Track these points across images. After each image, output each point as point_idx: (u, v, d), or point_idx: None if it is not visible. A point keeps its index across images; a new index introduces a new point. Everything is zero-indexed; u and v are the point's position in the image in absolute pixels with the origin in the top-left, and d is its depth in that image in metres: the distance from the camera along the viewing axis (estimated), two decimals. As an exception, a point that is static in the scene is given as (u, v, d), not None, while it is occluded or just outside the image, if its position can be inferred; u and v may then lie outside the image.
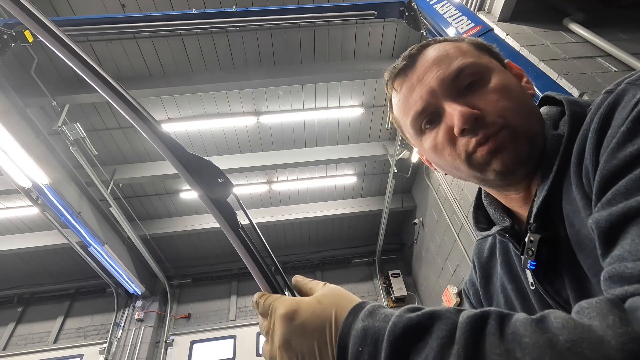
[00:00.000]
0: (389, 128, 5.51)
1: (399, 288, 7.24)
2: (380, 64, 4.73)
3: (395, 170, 5.85)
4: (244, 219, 0.59)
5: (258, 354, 6.53)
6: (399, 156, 5.80)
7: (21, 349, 6.54)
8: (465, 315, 0.36)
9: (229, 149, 5.74)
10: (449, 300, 5.38)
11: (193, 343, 6.74)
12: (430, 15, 2.91)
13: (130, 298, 7.00)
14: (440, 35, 2.75)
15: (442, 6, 2.81)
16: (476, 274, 0.83)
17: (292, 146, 5.88)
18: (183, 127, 5.24)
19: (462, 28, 2.57)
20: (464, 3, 2.86)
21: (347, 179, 6.68)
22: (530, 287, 0.63)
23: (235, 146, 5.73)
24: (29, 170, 4.02)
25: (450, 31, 2.63)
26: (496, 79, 0.59)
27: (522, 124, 0.56)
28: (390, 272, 7.54)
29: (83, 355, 6.47)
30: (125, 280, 6.28)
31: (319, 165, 6.07)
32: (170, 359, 6.54)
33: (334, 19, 3.47)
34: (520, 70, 0.67)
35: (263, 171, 6.05)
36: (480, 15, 2.80)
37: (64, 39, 0.58)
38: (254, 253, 0.55)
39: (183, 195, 6.36)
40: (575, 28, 2.52)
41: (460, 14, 2.67)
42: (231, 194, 0.57)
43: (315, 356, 0.43)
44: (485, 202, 0.72)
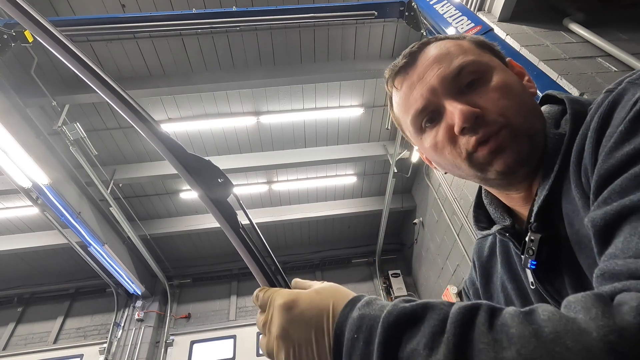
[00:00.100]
0: (389, 128, 5.50)
1: (399, 288, 7.24)
2: (380, 64, 4.72)
3: (395, 170, 5.85)
4: (244, 219, 0.59)
5: (258, 354, 6.52)
6: (399, 156, 5.80)
7: (21, 349, 6.54)
8: (457, 306, 0.37)
9: (229, 149, 5.74)
10: (449, 300, 5.38)
11: (193, 343, 6.73)
12: (430, 15, 2.91)
13: (130, 298, 6.99)
14: (440, 35, 2.75)
15: (442, 6, 2.81)
16: (476, 273, 0.82)
17: (292, 146, 5.88)
18: (183, 127, 5.24)
19: (462, 28, 2.57)
20: (464, 3, 2.86)
21: (347, 179, 6.68)
22: (531, 287, 0.63)
23: (235, 146, 5.72)
24: (29, 170, 4.01)
25: (450, 31, 2.63)
26: (497, 78, 0.58)
27: (524, 123, 0.56)
28: (390, 272, 7.55)
29: (83, 355, 6.46)
30: (125, 280, 6.28)
31: (319, 165, 6.07)
32: (170, 359, 6.54)
33: (334, 19, 3.47)
34: (522, 68, 0.66)
35: (263, 171, 6.05)
36: (480, 15, 2.80)
37: (62, 39, 0.57)
38: (254, 252, 0.56)
39: (183, 195, 6.36)
40: (575, 28, 2.52)
41: (460, 14, 2.67)
42: (231, 194, 0.58)
43: (312, 345, 0.44)
44: (485, 201, 0.72)
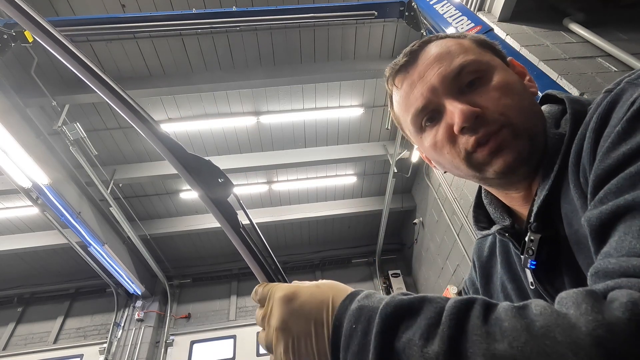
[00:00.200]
0: (389, 128, 5.50)
1: (399, 288, 7.24)
2: (380, 64, 4.72)
3: (395, 170, 5.85)
4: (244, 218, 0.59)
5: (258, 354, 6.52)
6: (399, 156, 5.80)
7: (21, 349, 6.54)
8: (453, 300, 0.38)
9: (229, 149, 5.74)
10: (449, 300, 5.38)
11: (193, 343, 6.73)
12: (430, 15, 2.91)
13: (130, 298, 6.99)
14: (440, 35, 2.75)
15: (442, 6, 2.81)
16: (476, 273, 0.82)
17: (292, 146, 5.87)
18: (183, 127, 5.24)
19: (462, 28, 2.57)
20: (464, 3, 2.86)
21: (347, 179, 6.68)
22: (530, 287, 0.62)
23: (235, 146, 5.72)
24: (29, 170, 4.01)
25: (450, 31, 2.62)
26: (498, 77, 0.58)
27: (524, 122, 0.56)
28: (390, 272, 7.55)
29: (83, 355, 6.46)
30: (125, 280, 6.28)
31: (319, 165, 6.07)
32: (170, 359, 6.54)
33: (334, 19, 3.47)
34: (523, 68, 0.66)
35: (263, 171, 6.05)
36: (480, 15, 2.80)
37: (61, 39, 0.57)
38: (254, 251, 0.56)
39: (183, 195, 6.36)
40: (575, 28, 2.52)
41: (460, 14, 2.67)
42: (231, 194, 0.58)
43: (312, 338, 0.44)
44: (485, 201, 0.72)
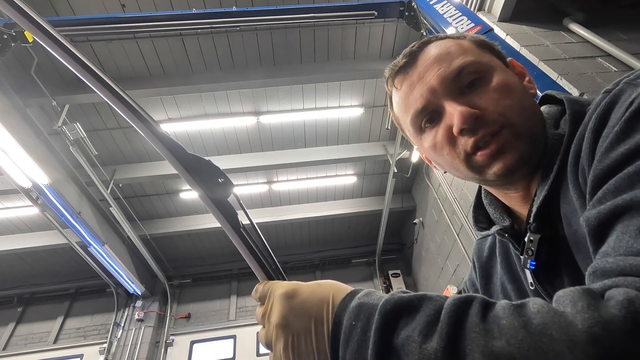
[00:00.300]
0: (389, 128, 5.50)
1: (399, 288, 7.24)
2: (380, 64, 4.72)
3: (395, 170, 5.85)
4: (244, 218, 0.59)
5: (258, 354, 6.52)
6: (399, 156, 5.80)
7: (21, 349, 6.54)
8: (452, 298, 0.38)
9: (229, 149, 5.74)
10: (449, 300, 5.38)
11: (193, 343, 6.73)
12: (430, 15, 2.91)
13: (130, 298, 6.99)
14: (440, 35, 2.75)
15: (442, 6, 2.81)
16: (476, 274, 0.82)
17: (292, 146, 5.87)
18: (183, 127, 5.24)
19: (462, 28, 2.57)
20: (464, 3, 2.86)
21: (347, 179, 6.68)
22: (530, 287, 0.62)
23: (235, 146, 5.72)
24: (29, 170, 4.01)
25: (450, 31, 2.62)
26: (498, 78, 0.58)
27: (524, 123, 0.56)
28: (390, 272, 7.55)
29: (83, 355, 6.46)
30: (125, 280, 6.27)
31: (319, 165, 6.07)
32: (170, 359, 6.54)
33: (334, 19, 3.47)
34: (523, 69, 0.66)
35: (263, 171, 6.05)
36: (480, 15, 2.79)
37: (60, 39, 0.57)
38: (254, 251, 0.56)
39: (183, 195, 6.36)
40: (575, 28, 2.51)
41: (460, 14, 2.67)
42: (231, 194, 0.58)
43: (311, 335, 0.44)
44: (485, 202, 0.72)
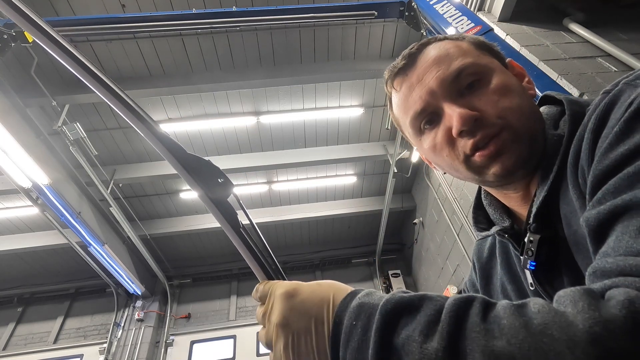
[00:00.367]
0: (389, 128, 5.50)
1: (399, 288, 7.24)
2: (380, 64, 4.72)
3: (395, 170, 5.85)
4: (244, 218, 0.59)
5: (258, 354, 6.52)
6: (399, 156, 5.80)
7: (21, 349, 6.54)
8: (452, 298, 0.38)
9: (229, 149, 5.74)
10: (449, 300, 5.38)
11: (193, 343, 6.73)
12: (430, 15, 2.91)
13: (130, 298, 6.99)
14: (440, 35, 2.75)
15: (442, 6, 2.81)
16: (476, 275, 0.82)
17: (292, 146, 5.87)
18: (183, 127, 5.24)
19: (462, 28, 2.57)
20: (464, 3, 2.85)
21: (347, 179, 6.68)
22: (530, 288, 0.62)
23: (235, 146, 5.72)
24: (29, 170, 4.01)
25: (450, 31, 2.62)
26: (496, 80, 0.58)
27: (524, 125, 0.56)
28: (390, 272, 7.55)
29: (83, 355, 6.46)
30: (125, 280, 6.27)
31: (319, 165, 6.06)
32: (170, 359, 6.54)
33: (334, 19, 3.47)
34: (522, 69, 0.66)
35: (263, 171, 6.05)
36: (480, 15, 2.79)
37: (60, 40, 0.57)
38: (254, 251, 0.56)
39: (183, 195, 6.36)
40: (575, 28, 2.51)
41: (460, 14, 2.67)
42: (231, 194, 0.58)
43: (312, 334, 0.44)
44: (485, 202, 0.72)
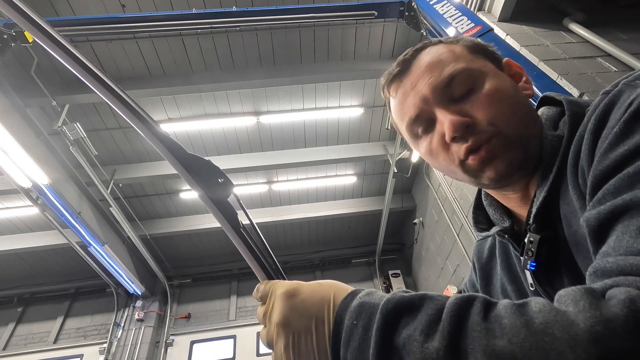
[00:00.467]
0: (389, 128, 5.51)
1: (399, 288, 7.22)
2: (380, 64, 4.72)
3: (395, 170, 5.85)
4: (244, 218, 0.59)
5: (258, 354, 6.52)
6: (399, 156, 5.80)
7: (21, 349, 6.54)
8: (453, 297, 0.38)
9: (229, 149, 5.74)
10: (449, 300, 5.39)
11: (193, 343, 6.73)
12: (430, 15, 2.91)
13: (130, 298, 6.99)
14: (440, 35, 2.75)
15: (442, 6, 2.81)
16: (476, 275, 0.82)
17: (292, 146, 5.87)
18: (183, 127, 5.24)
19: (462, 28, 2.57)
20: (464, 3, 2.85)
21: (347, 179, 6.68)
22: (530, 288, 0.63)
23: (235, 146, 5.72)
24: (29, 170, 4.01)
25: (450, 31, 2.62)
26: (489, 84, 0.58)
27: (516, 130, 0.56)
28: (390, 272, 7.55)
29: (83, 355, 6.46)
30: (125, 280, 6.27)
31: (319, 165, 6.07)
32: (170, 359, 6.54)
33: (334, 19, 3.47)
34: (520, 69, 0.66)
35: (263, 171, 6.05)
36: (480, 15, 2.79)
37: (60, 40, 0.57)
38: (255, 251, 0.56)
39: (183, 195, 6.36)
40: (575, 28, 2.52)
41: (460, 14, 2.67)
42: (231, 194, 0.58)
43: (312, 334, 0.44)
44: (485, 203, 0.72)
